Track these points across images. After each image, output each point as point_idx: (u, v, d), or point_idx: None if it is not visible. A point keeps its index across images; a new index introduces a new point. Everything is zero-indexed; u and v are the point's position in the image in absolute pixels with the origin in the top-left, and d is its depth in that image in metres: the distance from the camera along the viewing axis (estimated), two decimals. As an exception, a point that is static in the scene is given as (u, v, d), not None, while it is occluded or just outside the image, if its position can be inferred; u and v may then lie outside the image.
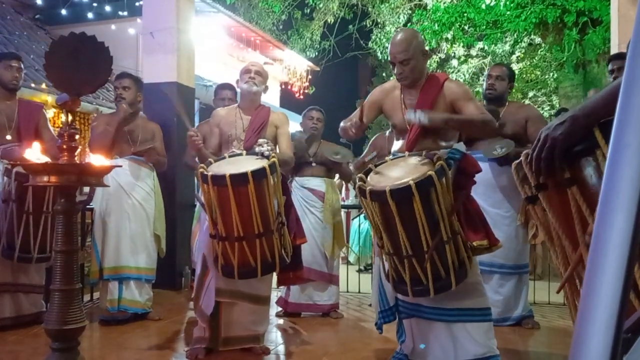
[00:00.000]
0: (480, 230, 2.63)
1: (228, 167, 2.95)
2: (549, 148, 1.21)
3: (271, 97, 14.95)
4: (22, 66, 4.05)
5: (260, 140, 3.23)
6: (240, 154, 3.15)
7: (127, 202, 4.02)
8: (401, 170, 2.58)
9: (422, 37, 3.05)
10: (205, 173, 2.88)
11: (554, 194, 1.27)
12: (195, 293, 3.24)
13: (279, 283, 3.60)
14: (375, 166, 2.69)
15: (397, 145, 2.93)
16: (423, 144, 2.74)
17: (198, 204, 4.07)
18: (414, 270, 2.54)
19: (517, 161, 1.37)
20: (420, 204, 2.40)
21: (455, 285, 2.52)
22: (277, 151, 3.38)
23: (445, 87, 2.79)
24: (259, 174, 2.85)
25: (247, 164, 2.94)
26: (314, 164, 4.41)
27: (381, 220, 2.52)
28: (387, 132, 4.72)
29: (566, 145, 1.19)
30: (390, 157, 2.81)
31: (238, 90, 3.70)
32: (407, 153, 2.68)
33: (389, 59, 2.87)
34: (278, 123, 3.49)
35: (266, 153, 3.04)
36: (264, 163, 2.92)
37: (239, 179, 2.82)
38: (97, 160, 2.59)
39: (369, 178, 2.60)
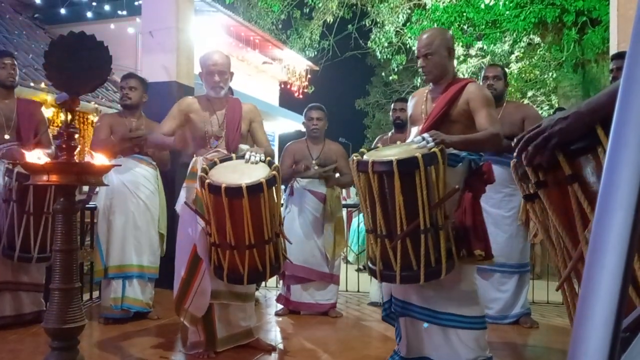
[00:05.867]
0: (481, 240, 2.59)
1: (230, 174, 2.94)
2: (544, 138, 1.21)
3: (270, 97, 14.96)
4: (16, 63, 4.02)
5: (243, 146, 3.21)
6: (231, 158, 3.14)
7: (132, 200, 4.03)
8: (396, 150, 2.56)
9: (451, 36, 3.03)
10: (204, 179, 2.88)
11: (554, 192, 1.27)
12: (179, 296, 3.17)
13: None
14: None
15: (411, 137, 2.94)
16: None
17: None
18: (385, 253, 2.48)
19: (516, 160, 1.37)
20: (400, 183, 2.36)
21: (425, 280, 2.45)
22: (256, 145, 3.40)
23: (467, 87, 2.80)
24: (255, 188, 2.82)
25: (252, 173, 2.93)
26: (316, 167, 4.39)
27: (367, 194, 2.48)
28: (390, 133, 4.73)
29: (564, 140, 1.19)
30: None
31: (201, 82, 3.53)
32: (415, 139, 2.62)
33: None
34: (252, 116, 3.46)
35: (258, 158, 3.05)
36: (263, 176, 2.89)
37: (234, 192, 2.80)
38: (96, 159, 2.59)
39: (366, 154, 2.58)
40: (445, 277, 2.51)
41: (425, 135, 2.52)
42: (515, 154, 1.32)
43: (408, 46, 11.27)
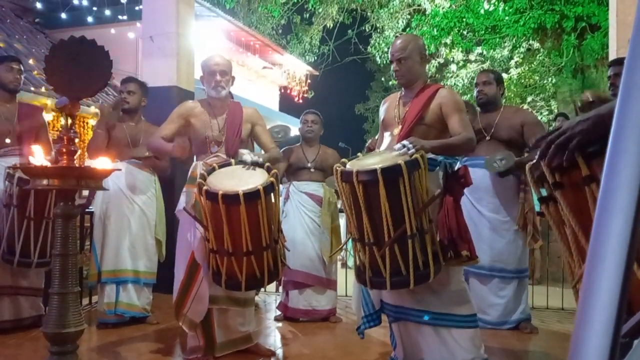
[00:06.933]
0: (466, 241, 2.64)
1: (228, 181, 2.93)
2: (565, 138, 1.24)
3: (270, 101, 14.97)
4: (22, 68, 4.07)
5: (243, 151, 3.23)
6: (230, 163, 3.13)
7: (128, 205, 4.03)
8: (378, 158, 2.58)
9: (423, 42, 3.08)
10: (202, 185, 2.88)
11: (570, 193, 1.30)
12: (178, 301, 3.17)
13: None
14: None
15: (385, 141, 2.96)
16: None
17: None
18: (374, 260, 2.50)
19: (533, 162, 1.40)
20: (385, 191, 2.38)
21: (414, 284, 2.47)
22: (262, 150, 3.40)
23: (439, 92, 2.86)
24: (252, 195, 2.80)
25: (249, 179, 2.92)
26: (312, 169, 4.40)
27: (352, 203, 2.50)
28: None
29: (584, 140, 1.22)
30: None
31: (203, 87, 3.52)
32: (395, 146, 2.64)
33: (388, 62, 2.92)
34: (254, 120, 3.45)
35: (258, 160, 3.05)
36: (261, 182, 2.87)
37: (231, 199, 2.79)
38: (97, 163, 2.59)
39: (348, 164, 2.59)
40: (435, 280, 2.54)
41: (405, 142, 2.55)
42: (536, 156, 1.35)
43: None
